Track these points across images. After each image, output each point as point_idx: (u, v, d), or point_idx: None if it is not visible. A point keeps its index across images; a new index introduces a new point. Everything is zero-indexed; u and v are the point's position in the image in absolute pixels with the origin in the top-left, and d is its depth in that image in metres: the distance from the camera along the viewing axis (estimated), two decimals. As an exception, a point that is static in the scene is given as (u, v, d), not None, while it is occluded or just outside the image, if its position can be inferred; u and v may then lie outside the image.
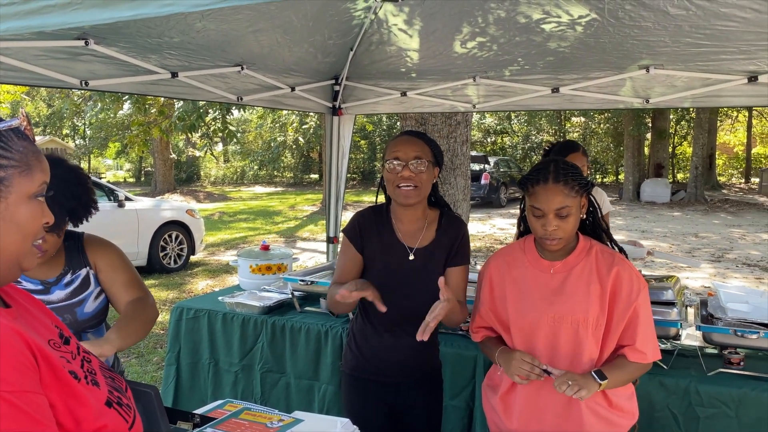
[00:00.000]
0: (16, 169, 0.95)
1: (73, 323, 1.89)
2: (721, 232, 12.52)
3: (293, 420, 1.68)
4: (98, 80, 2.73)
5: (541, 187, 1.84)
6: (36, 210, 0.98)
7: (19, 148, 0.96)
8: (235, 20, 2.61)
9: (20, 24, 1.22)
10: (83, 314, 1.92)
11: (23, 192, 0.96)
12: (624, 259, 1.93)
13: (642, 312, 1.87)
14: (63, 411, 0.90)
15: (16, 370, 0.84)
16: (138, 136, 9.26)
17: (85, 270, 1.94)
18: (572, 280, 1.91)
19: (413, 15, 2.95)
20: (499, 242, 11.49)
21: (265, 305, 3.33)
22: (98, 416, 0.96)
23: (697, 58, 2.86)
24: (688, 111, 21.68)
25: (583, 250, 1.94)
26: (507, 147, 27.81)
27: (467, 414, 2.79)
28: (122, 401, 1.05)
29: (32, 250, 1.00)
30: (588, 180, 1.91)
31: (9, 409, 0.81)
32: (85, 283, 1.93)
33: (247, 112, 27.30)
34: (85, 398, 0.94)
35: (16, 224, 0.95)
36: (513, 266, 2.01)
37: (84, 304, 1.92)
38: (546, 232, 1.85)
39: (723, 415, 2.35)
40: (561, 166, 1.86)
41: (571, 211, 1.84)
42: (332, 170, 4.28)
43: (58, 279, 1.89)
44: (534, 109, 3.91)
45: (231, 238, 12.15)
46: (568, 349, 1.90)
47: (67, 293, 1.89)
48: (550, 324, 1.90)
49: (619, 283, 1.87)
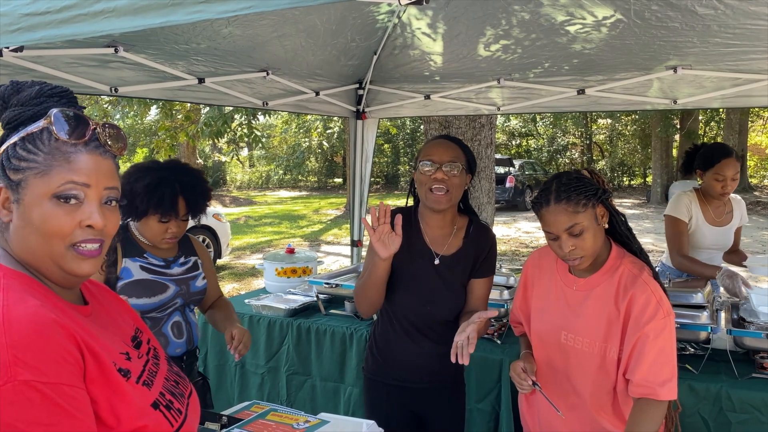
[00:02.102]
0: (32, 171, 0.96)
1: (186, 294, 2.23)
2: (753, 235, 12.25)
3: (319, 421, 1.69)
4: (127, 87, 2.79)
5: (545, 210, 1.77)
6: (56, 211, 0.96)
7: (45, 149, 0.97)
8: (260, 25, 2.65)
9: (54, 33, 1.25)
10: (194, 287, 2.26)
11: (39, 193, 0.96)
12: (648, 280, 1.77)
13: (650, 341, 1.70)
14: (104, 406, 0.92)
15: (53, 362, 0.86)
16: (165, 141, 9.42)
17: (194, 258, 2.32)
18: (591, 302, 1.83)
19: (437, 18, 2.95)
20: (524, 245, 11.41)
21: (290, 308, 3.35)
22: (140, 416, 0.97)
23: (726, 58, 2.82)
24: (717, 112, 21.28)
25: (610, 269, 1.83)
26: (532, 149, 27.57)
27: (493, 418, 2.77)
28: (173, 405, 1.05)
29: (70, 254, 0.98)
30: (598, 188, 1.78)
31: (41, 399, 0.82)
32: (194, 266, 2.30)
33: (272, 117, 27.54)
34: (129, 396, 0.96)
35: (34, 226, 0.96)
36: (545, 271, 1.98)
37: (195, 280, 2.28)
38: (565, 253, 1.78)
39: (755, 420, 2.30)
40: (563, 183, 1.77)
41: (583, 227, 1.74)
42: (356, 174, 4.30)
43: (175, 258, 2.25)
44: (559, 111, 3.89)
45: (256, 241, 12.26)
46: (578, 370, 1.86)
47: (182, 270, 2.25)
48: (563, 340, 1.87)
49: (631, 306, 1.75)
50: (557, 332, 1.89)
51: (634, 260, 1.84)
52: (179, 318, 2.22)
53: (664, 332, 1.72)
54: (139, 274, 2.11)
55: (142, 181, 2.06)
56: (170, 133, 9.34)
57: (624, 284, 1.78)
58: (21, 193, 0.96)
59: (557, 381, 1.93)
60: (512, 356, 2.69)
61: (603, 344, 1.80)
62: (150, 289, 2.11)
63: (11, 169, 0.97)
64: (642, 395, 1.71)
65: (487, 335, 2.91)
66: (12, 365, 0.82)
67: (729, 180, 3.02)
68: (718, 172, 3.03)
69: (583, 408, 1.88)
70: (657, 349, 1.70)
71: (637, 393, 1.72)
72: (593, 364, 1.83)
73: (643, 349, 1.71)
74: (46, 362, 0.85)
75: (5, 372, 0.81)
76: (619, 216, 1.87)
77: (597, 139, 27.27)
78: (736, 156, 3.04)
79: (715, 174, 3.04)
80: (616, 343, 1.78)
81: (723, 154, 3.02)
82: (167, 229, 2.10)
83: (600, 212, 1.79)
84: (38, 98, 1.01)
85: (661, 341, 1.71)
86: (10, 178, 0.97)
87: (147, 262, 2.15)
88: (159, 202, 2.05)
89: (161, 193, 2.05)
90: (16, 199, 0.96)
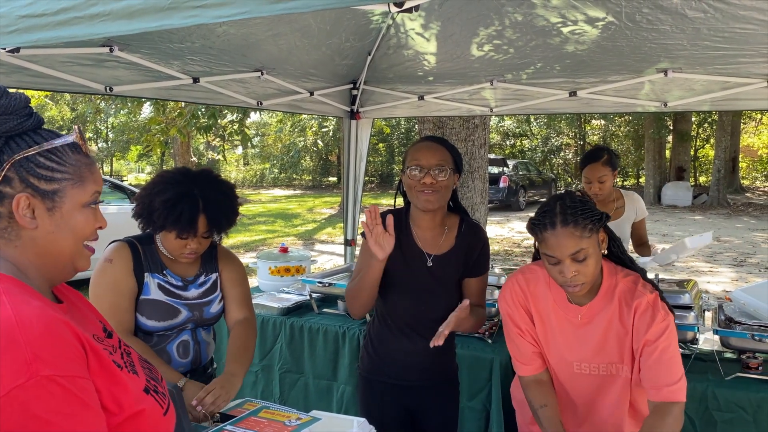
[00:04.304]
0: (69, 182, 1.06)
1: (199, 319, 2.10)
2: (744, 237, 12.33)
3: (311, 419, 1.71)
4: (122, 86, 2.80)
5: (550, 233, 1.68)
6: (88, 217, 1.09)
7: (72, 161, 1.06)
8: (255, 25, 2.66)
9: (50, 35, 1.27)
10: (209, 313, 2.12)
11: (76, 201, 1.07)
12: (644, 288, 1.78)
13: (656, 345, 1.71)
14: (107, 396, 0.99)
15: (68, 358, 0.94)
16: (155, 136, 9.40)
17: (215, 275, 2.16)
18: (597, 327, 1.80)
19: (430, 19, 2.97)
20: (516, 245, 11.45)
21: (283, 306, 3.37)
22: (137, 401, 1.05)
23: (715, 61, 2.84)
24: (710, 113, 21.41)
25: (608, 290, 1.80)
26: (526, 150, 27.64)
27: (484, 416, 2.80)
28: (158, 389, 1.14)
29: (84, 252, 1.11)
30: (602, 213, 1.74)
31: (62, 392, 0.90)
32: (213, 287, 2.15)
33: (267, 116, 27.50)
34: (126, 385, 1.03)
35: (71, 230, 1.07)
36: (540, 300, 1.89)
37: (211, 305, 2.13)
38: (566, 279, 1.71)
39: (740, 419, 2.34)
40: (568, 205, 1.70)
41: (588, 252, 1.68)
42: (350, 173, 4.32)
43: (195, 278, 2.11)
44: (551, 113, 3.92)
45: (250, 240, 12.26)
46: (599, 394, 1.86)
47: (200, 292, 2.11)
48: (576, 371, 1.86)
49: (635, 319, 1.75)
50: (569, 366, 1.87)
51: (627, 272, 1.83)
52: (188, 337, 2.09)
53: (666, 333, 1.72)
54: (155, 294, 2.02)
55: (161, 195, 1.93)
56: (161, 128, 9.31)
57: (625, 301, 1.78)
58: (58, 201, 1.05)
59: (577, 411, 1.92)
60: (503, 355, 2.72)
61: (619, 364, 1.81)
62: (161, 313, 2.02)
63: (42, 178, 1.03)
64: (660, 399, 1.70)
65: (479, 334, 2.93)
66: (33, 362, 0.89)
67: (595, 182, 3.23)
68: (585, 175, 3.27)
69: (601, 425, 1.89)
70: (664, 351, 1.71)
71: (655, 397, 1.70)
72: (614, 385, 1.83)
73: (651, 354, 1.71)
74: (60, 357, 0.93)
75: (27, 369, 0.88)
76: (617, 240, 1.86)
77: (591, 140, 27.35)
78: (607, 161, 3.21)
79: (584, 177, 3.29)
80: (629, 359, 1.79)
81: (589, 159, 3.25)
82: (186, 245, 1.98)
83: (601, 237, 1.76)
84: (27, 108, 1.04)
85: (664, 342, 1.71)
86: (39, 187, 1.03)
87: (165, 281, 2.05)
88: (176, 219, 1.92)
89: (180, 211, 1.91)
90: (50, 207, 1.04)
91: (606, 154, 3.25)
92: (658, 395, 1.70)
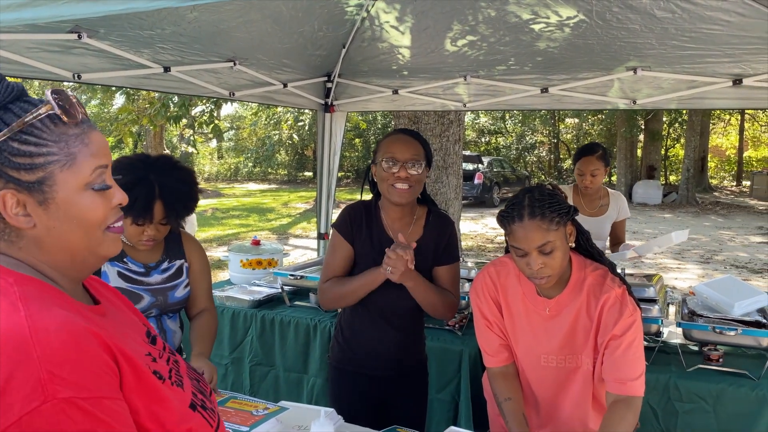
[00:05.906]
0: (55, 165, 0.86)
1: (163, 305, 2.08)
2: (711, 234, 12.61)
3: (278, 408, 1.72)
4: (91, 73, 2.75)
5: (518, 225, 1.70)
6: (95, 200, 0.91)
7: (53, 138, 0.86)
8: (226, 11, 2.63)
9: (13, 16, 1.24)
10: (173, 298, 2.11)
11: (73, 186, 0.88)
12: (612, 282, 1.80)
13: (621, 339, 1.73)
14: (146, 416, 0.86)
15: (91, 375, 0.80)
16: (126, 126, 9.25)
17: (180, 261, 2.15)
18: (565, 320, 1.83)
19: (404, 12, 2.98)
20: (490, 241, 11.54)
21: (255, 299, 3.36)
22: (183, 419, 0.91)
23: (682, 61, 2.91)
24: (680, 113, 21.80)
25: (576, 284, 1.82)
26: (501, 147, 27.87)
27: (453, 407, 2.83)
28: (206, 405, 1.00)
29: (107, 237, 0.93)
30: (570, 206, 1.76)
31: (83, 416, 0.76)
32: (178, 272, 2.14)
33: (242, 109, 27.25)
34: (168, 401, 0.90)
35: (76, 221, 0.89)
36: (509, 293, 1.91)
37: (176, 290, 2.12)
38: (532, 271, 1.73)
39: (701, 410, 2.40)
40: (536, 198, 1.72)
41: (555, 245, 1.70)
42: (324, 167, 4.31)
43: (157, 264, 2.09)
44: (524, 109, 3.97)
45: (223, 234, 12.15)
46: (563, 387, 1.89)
47: (163, 278, 2.09)
48: (543, 363, 1.88)
49: (602, 313, 1.77)
50: (537, 358, 1.89)
51: (596, 266, 1.85)
52: (153, 325, 2.03)
53: (632, 328, 1.74)
54: (115, 282, 1.99)
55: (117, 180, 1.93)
56: (132, 117, 9.16)
57: (594, 293, 1.80)
58: (49, 192, 0.86)
59: (541, 407, 1.94)
60: (471, 347, 2.75)
61: (581, 356, 1.84)
62: None
63: (21, 168, 0.85)
64: (622, 392, 1.72)
65: (448, 326, 2.96)
66: (49, 382, 0.75)
67: (588, 175, 3.38)
68: (579, 167, 3.42)
69: (566, 421, 1.92)
70: (629, 346, 1.73)
71: (616, 390, 1.73)
72: (576, 378, 1.86)
73: (617, 348, 1.73)
74: (84, 376, 0.78)
75: (42, 390, 0.74)
76: (585, 234, 1.87)
77: (564, 138, 27.69)
78: (601, 156, 3.38)
79: (578, 169, 3.43)
80: (591, 352, 1.81)
81: (585, 152, 3.42)
82: (144, 232, 1.96)
83: (569, 230, 1.78)
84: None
85: (630, 337, 1.73)
86: (21, 179, 0.85)
87: (125, 268, 2.02)
88: (131, 205, 1.90)
89: (134, 196, 1.86)
90: (41, 201, 0.86)
91: (601, 150, 3.42)
92: (621, 389, 1.73)
